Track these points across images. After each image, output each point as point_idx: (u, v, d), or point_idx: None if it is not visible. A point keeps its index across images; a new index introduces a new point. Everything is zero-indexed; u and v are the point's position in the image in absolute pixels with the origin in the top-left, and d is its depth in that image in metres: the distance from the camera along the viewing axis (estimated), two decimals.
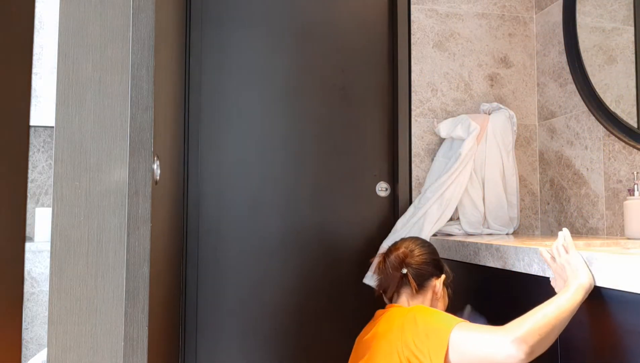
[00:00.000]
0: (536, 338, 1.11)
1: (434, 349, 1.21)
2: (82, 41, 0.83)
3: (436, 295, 1.51)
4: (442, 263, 1.57)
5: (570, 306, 1.13)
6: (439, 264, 1.55)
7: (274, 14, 2.22)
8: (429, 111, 2.25)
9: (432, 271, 1.51)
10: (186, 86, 2.14)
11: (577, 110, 2.09)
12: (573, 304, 1.13)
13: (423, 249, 1.54)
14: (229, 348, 2.10)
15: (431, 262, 1.52)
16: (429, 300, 1.50)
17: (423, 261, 1.51)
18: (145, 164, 0.84)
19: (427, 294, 1.50)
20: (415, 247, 1.55)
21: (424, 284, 1.50)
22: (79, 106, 0.82)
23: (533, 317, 1.14)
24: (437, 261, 1.55)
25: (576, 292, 1.14)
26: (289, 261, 2.16)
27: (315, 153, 2.21)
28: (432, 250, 1.57)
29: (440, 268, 1.55)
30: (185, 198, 2.11)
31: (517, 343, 1.10)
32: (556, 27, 2.22)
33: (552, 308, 1.13)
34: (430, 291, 1.50)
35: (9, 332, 0.62)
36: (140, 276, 0.82)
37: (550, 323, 1.12)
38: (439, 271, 1.53)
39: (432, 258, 1.53)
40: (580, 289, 1.14)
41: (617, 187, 1.89)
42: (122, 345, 0.80)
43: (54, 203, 0.81)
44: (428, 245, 1.58)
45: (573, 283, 1.15)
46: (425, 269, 1.50)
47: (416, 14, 2.27)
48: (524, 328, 1.12)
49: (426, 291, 1.50)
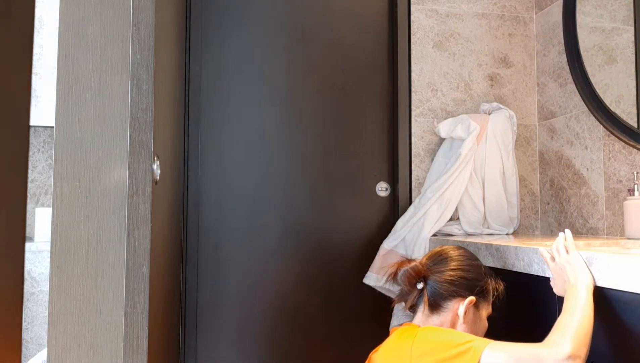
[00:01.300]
0: (585, 350, 1.06)
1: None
2: (82, 41, 0.83)
3: (458, 318, 1.31)
4: (478, 283, 1.35)
5: (591, 307, 1.11)
6: (471, 284, 1.33)
7: (274, 14, 2.22)
8: (429, 111, 2.25)
9: (456, 291, 1.31)
10: (186, 86, 2.14)
11: (577, 110, 2.09)
12: (592, 306, 1.11)
13: (455, 263, 1.35)
14: (229, 348, 2.10)
15: (457, 280, 1.32)
16: (448, 323, 1.31)
17: (445, 279, 1.32)
18: (145, 164, 0.84)
19: (446, 316, 1.31)
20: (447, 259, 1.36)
21: (440, 304, 1.32)
22: (79, 106, 0.82)
23: (570, 327, 1.07)
24: (468, 280, 1.33)
25: (589, 294, 1.12)
26: (289, 261, 2.16)
27: (315, 153, 2.21)
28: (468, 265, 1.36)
29: (472, 288, 1.33)
30: (185, 197, 2.11)
31: (572, 360, 1.04)
32: (556, 27, 2.22)
33: (580, 313, 1.09)
34: (449, 313, 1.31)
35: (9, 332, 0.62)
36: (140, 276, 0.82)
37: (586, 329, 1.07)
38: (469, 292, 1.32)
39: (460, 276, 1.33)
40: (588, 290, 1.13)
41: (617, 187, 1.89)
42: (122, 345, 0.80)
43: (54, 203, 0.81)
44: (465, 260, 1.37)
45: (580, 284, 1.14)
46: (446, 288, 1.32)
47: (416, 14, 2.27)
48: (571, 341, 1.05)
49: (444, 312, 1.32)
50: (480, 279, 1.35)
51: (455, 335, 1.17)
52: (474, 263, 1.38)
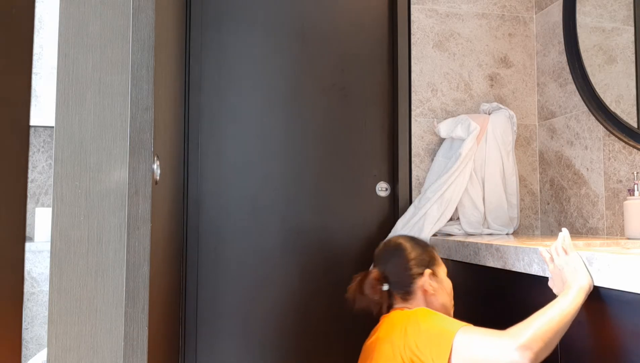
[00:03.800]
0: (540, 345, 1.09)
1: (437, 352, 1.19)
2: (82, 41, 0.83)
3: (427, 293, 1.44)
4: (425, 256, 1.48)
5: (572, 309, 1.12)
6: (421, 261, 1.47)
7: (274, 13, 2.22)
8: (429, 111, 2.25)
9: (413, 274, 1.44)
10: (186, 86, 2.14)
11: (577, 110, 2.09)
12: (575, 307, 1.13)
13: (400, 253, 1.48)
14: (229, 348, 2.10)
15: (410, 265, 1.45)
16: (422, 301, 1.44)
17: (400, 270, 1.45)
18: (145, 164, 0.84)
19: (418, 297, 1.44)
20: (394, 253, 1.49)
21: (409, 291, 1.44)
22: (79, 106, 0.82)
23: (537, 322, 1.12)
24: (417, 260, 1.47)
25: (577, 295, 1.13)
26: (289, 261, 2.16)
27: (315, 153, 2.21)
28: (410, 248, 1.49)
29: (424, 264, 1.47)
30: (185, 198, 2.11)
31: (522, 350, 1.09)
32: (556, 27, 2.22)
33: (555, 312, 1.12)
34: (419, 292, 1.44)
35: (9, 332, 0.62)
36: (140, 276, 0.82)
37: (553, 328, 1.11)
38: (423, 267, 1.46)
39: (409, 261, 1.46)
40: (581, 292, 1.14)
41: (617, 187, 1.89)
42: (122, 345, 0.80)
43: (54, 203, 0.81)
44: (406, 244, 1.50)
45: (573, 285, 1.15)
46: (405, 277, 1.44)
47: (416, 14, 2.27)
48: (528, 333, 1.10)
49: (415, 295, 1.44)
50: (424, 252, 1.49)
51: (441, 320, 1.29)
52: (413, 243, 1.51)
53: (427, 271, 1.45)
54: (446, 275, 1.52)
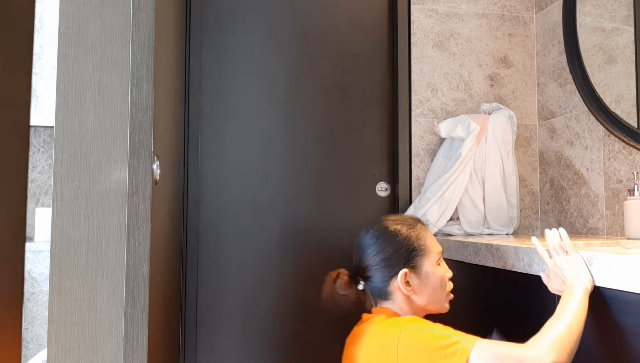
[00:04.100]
0: (565, 356, 1.05)
1: None
2: (82, 41, 0.83)
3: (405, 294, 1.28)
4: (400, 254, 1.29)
5: (583, 312, 1.10)
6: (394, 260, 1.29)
7: (274, 13, 2.22)
8: (429, 111, 2.25)
9: (386, 274, 1.30)
10: (186, 86, 2.14)
11: (577, 110, 2.09)
12: (585, 309, 1.11)
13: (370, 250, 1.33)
14: (229, 348, 2.10)
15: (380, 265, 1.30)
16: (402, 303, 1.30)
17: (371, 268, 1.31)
18: (145, 164, 0.84)
19: (397, 298, 1.30)
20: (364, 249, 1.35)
21: (385, 291, 1.31)
22: (79, 106, 0.82)
23: (557, 330, 1.07)
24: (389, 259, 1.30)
25: (584, 297, 1.12)
26: (289, 261, 2.16)
27: (315, 153, 2.21)
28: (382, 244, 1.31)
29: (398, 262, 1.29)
30: (185, 198, 2.11)
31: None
32: (556, 27, 2.22)
33: (570, 318, 1.08)
34: (397, 293, 1.30)
35: (9, 332, 0.62)
36: (140, 276, 0.82)
37: (573, 334, 1.07)
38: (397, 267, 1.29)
39: (380, 259, 1.30)
40: (586, 293, 1.13)
41: (617, 187, 1.89)
42: (122, 345, 0.80)
43: (54, 203, 0.81)
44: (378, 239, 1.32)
45: (577, 286, 1.13)
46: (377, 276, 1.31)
47: (416, 14, 2.27)
48: (555, 346, 1.05)
49: (393, 296, 1.31)
50: (399, 249, 1.30)
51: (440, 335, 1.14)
52: (387, 236, 1.32)
53: (401, 272, 1.29)
54: (439, 257, 1.35)
